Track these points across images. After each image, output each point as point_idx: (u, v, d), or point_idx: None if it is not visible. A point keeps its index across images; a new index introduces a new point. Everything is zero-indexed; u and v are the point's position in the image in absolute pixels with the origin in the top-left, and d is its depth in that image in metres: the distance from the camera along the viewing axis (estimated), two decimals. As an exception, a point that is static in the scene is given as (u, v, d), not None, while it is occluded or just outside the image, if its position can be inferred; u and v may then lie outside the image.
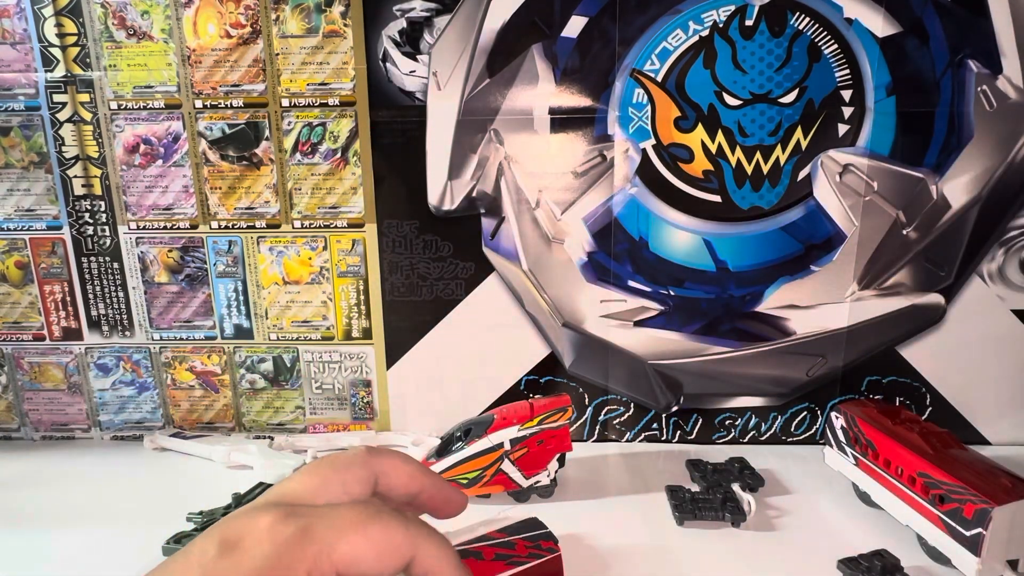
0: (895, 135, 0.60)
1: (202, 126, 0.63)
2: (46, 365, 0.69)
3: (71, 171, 0.64)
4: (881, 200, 0.62)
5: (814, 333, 0.65)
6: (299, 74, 0.62)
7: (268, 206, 0.65)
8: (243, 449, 0.65)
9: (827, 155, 0.61)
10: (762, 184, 0.62)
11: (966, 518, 0.45)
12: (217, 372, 0.69)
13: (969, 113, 0.59)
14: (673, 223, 0.64)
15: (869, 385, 0.67)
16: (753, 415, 0.68)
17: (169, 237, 0.66)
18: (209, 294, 0.67)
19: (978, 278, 0.63)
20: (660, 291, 0.65)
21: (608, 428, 0.69)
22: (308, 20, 0.61)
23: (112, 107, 0.63)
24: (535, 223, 0.64)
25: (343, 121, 0.63)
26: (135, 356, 0.69)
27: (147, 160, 0.64)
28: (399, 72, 0.61)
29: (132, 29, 0.61)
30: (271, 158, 0.64)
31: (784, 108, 0.60)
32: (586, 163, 0.63)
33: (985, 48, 0.58)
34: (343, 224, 0.65)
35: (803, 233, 0.63)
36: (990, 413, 0.66)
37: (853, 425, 0.56)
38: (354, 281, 0.67)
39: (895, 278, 0.63)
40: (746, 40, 0.59)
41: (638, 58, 0.60)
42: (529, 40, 0.60)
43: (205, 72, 0.62)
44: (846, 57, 0.59)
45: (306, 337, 0.68)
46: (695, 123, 0.61)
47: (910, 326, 0.65)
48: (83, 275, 0.67)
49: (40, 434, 0.72)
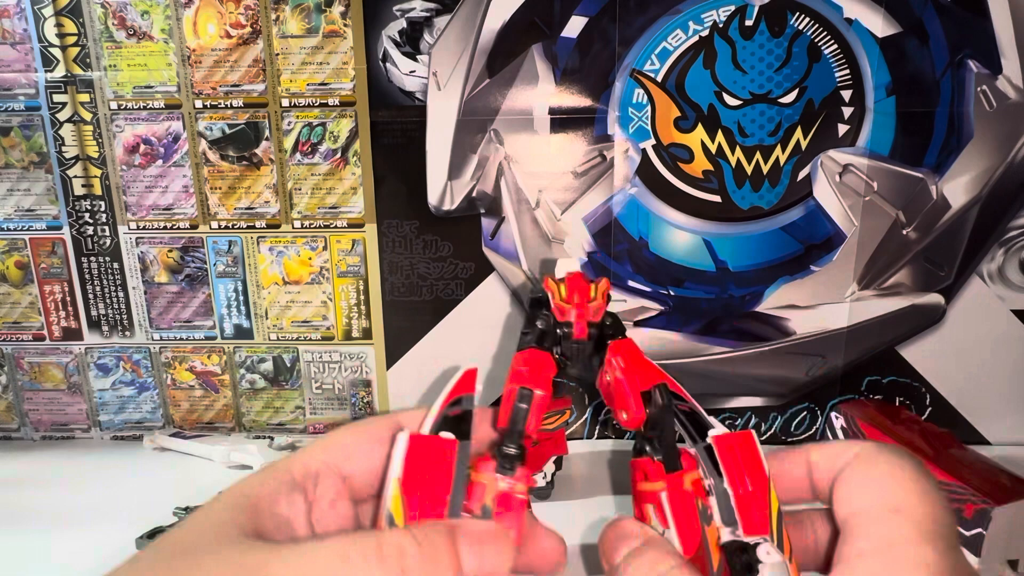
0: (895, 135, 0.60)
1: (202, 126, 0.63)
2: (46, 365, 0.69)
3: (71, 171, 0.64)
4: (881, 200, 0.62)
5: (814, 333, 0.65)
6: (299, 74, 0.62)
7: (268, 206, 0.65)
8: (243, 449, 0.65)
9: (827, 155, 0.61)
10: (762, 184, 0.62)
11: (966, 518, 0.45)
12: (217, 372, 0.69)
13: (969, 113, 0.59)
14: (673, 223, 0.64)
15: (869, 385, 0.67)
16: (753, 415, 0.68)
17: (169, 237, 0.66)
18: (209, 294, 0.67)
19: (978, 278, 0.63)
20: (660, 291, 0.65)
21: (608, 428, 0.69)
22: (308, 20, 0.61)
23: (112, 107, 0.63)
24: (535, 223, 0.64)
25: (343, 121, 0.63)
26: (135, 356, 0.69)
27: (147, 160, 0.64)
28: (399, 72, 0.61)
29: (132, 29, 0.61)
30: (271, 158, 0.64)
31: (784, 108, 0.60)
32: (586, 163, 0.63)
33: (985, 48, 0.58)
34: (343, 224, 0.65)
35: (803, 233, 0.63)
36: (990, 413, 0.66)
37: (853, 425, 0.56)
38: (354, 281, 0.67)
39: (895, 278, 0.63)
40: (746, 40, 0.59)
41: (638, 58, 0.60)
42: (529, 40, 0.60)
43: (205, 72, 0.62)
44: (846, 57, 0.59)
45: (306, 337, 0.68)
46: (695, 123, 0.61)
47: (910, 326, 0.65)
48: (83, 275, 0.67)
49: (40, 434, 0.72)
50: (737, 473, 0.25)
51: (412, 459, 0.24)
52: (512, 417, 0.27)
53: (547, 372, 0.28)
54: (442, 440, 0.25)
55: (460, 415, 0.27)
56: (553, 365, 0.28)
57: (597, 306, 0.29)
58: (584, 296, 0.29)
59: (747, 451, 0.26)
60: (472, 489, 0.26)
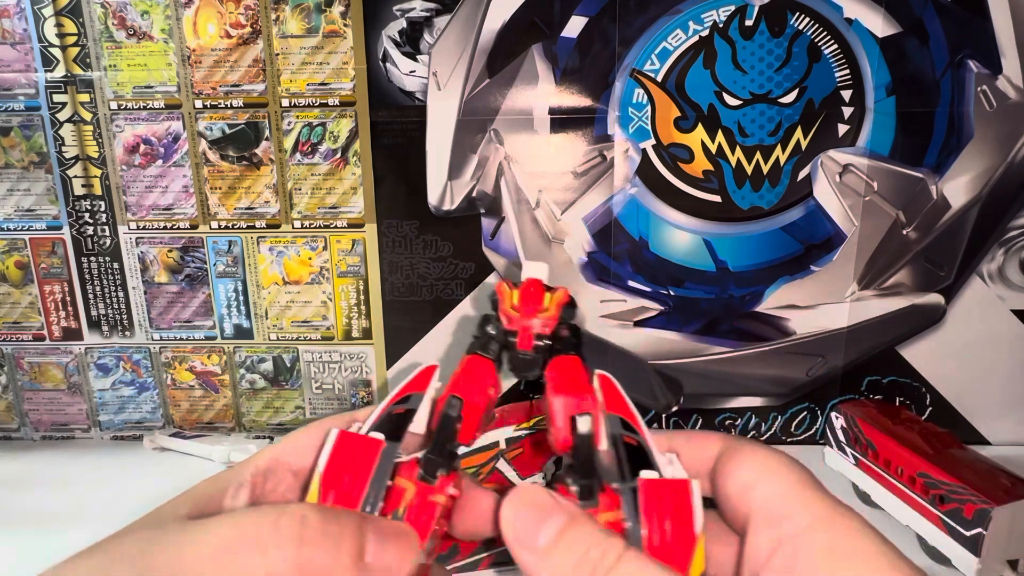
0: (895, 135, 0.60)
1: (202, 126, 0.63)
2: (46, 365, 0.69)
3: (71, 171, 0.64)
4: (881, 200, 0.62)
5: (814, 333, 0.65)
6: (299, 74, 0.62)
7: (268, 206, 0.65)
8: (243, 449, 0.65)
9: (827, 155, 0.61)
10: (762, 184, 0.62)
11: (966, 518, 0.45)
12: (217, 372, 0.69)
13: (969, 113, 0.59)
14: (673, 223, 0.64)
15: (869, 385, 0.67)
16: (753, 415, 0.68)
17: (169, 237, 0.66)
18: (209, 294, 0.67)
19: (978, 278, 0.63)
20: (660, 291, 0.65)
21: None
22: (308, 20, 0.61)
23: (112, 107, 0.63)
24: (535, 223, 0.64)
25: (343, 121, 0.63)
26: (135, 356, 0.69)
27: (147, 160, 0.64)
28: (399, 72, 0.61)
29: (132, 29, 0.61)
30: (271, 158, 0.64)
31: (784, 108, 0.60)
32: (586, 163, 0.63)
33: (985, 48, 0.58)
34: (343, 224, 0.65)
35: (803, 233, 0.63)
36: (990, 413, 0.66)
37: (853, 425, 0.56)
38: (354, 281, 0.67)
39: (895, 278, 0.63)
40: (746, 40, 0.59)
41: (638, 58, 0.60)
42: (529, 40, 0.60)
43: (205, 72, 0.62)
44: (846, 57, 0.59)
45: (306, 337, 0.68)
46: (695, 123, 0.61)
47: (910, 326, 0.65)
48: (83, 275, 0.67)
49: (40, 434, 0.72)
50: (656, 522, 0.22)
51: (336, 456, 0.24)
52: (439, 424, 0.26)
53: (483, 381, 0.26)
54: (368, 440, 0.25)
55: (403, 414, 0.26)
56: (492, 374, 0.27)
57: (548, 317, 0.27)
58: (535, 305, 0.27)
59: (678, 501, 0.23)
60: (391, 493, 0.25)
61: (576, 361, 0.27)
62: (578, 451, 0.25)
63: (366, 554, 0.21)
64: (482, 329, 0.28)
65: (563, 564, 0.21)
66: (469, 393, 0.26)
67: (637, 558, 0.21)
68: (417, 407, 0.26)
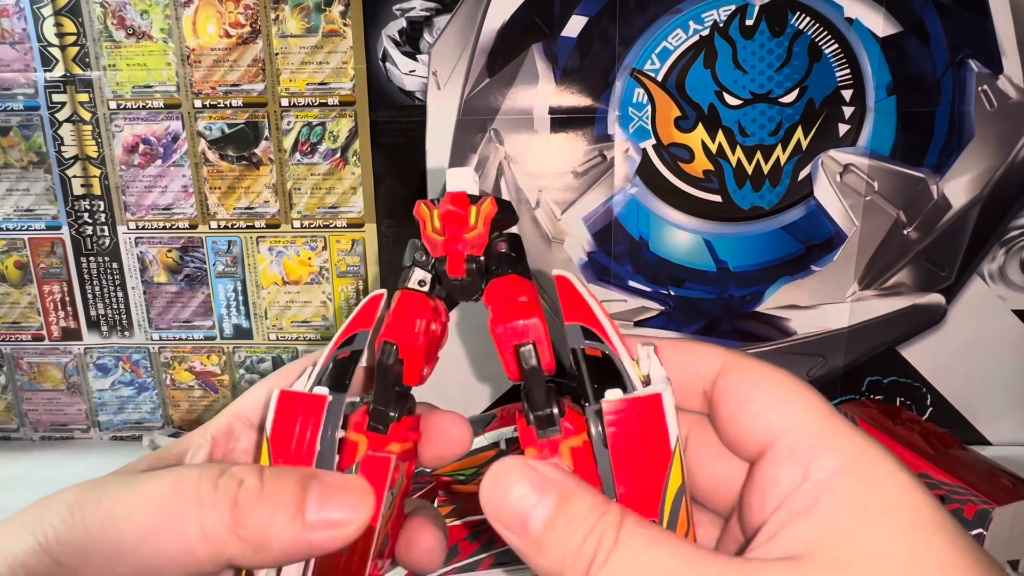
0: (896, 135, 0.60)
1: (201, 126, 0.63)
2: (45, 365, 0.69)
3: (70, 171, 0.64)
4: (882, 200, 0.62)
5: (814, 333, 0.65)
6: (298, 74, 0.62)
7: (267, 206, 0.65)
8: (243, 449, 0.65)
9: (827, 155, 0.61)
10: (762, 184, 0.62)
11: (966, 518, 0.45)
12: (216, 372, 0.69)
13: (970, 113, 0.59)
14: (673, 223, 0.64)
15: (869, 385, 0.66)
16: (753, 415, 0.68)
17: (168, 237, 0.66)
18: (208, 294, 0.67)
19: (979, 278, 0.63)
20: (660, 291, 0.65)
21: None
22: (308, 20, 0.61)
23: (111, 107, 0.63)
24: (535, 223, 0.64)
25: (343, 121, 0.63)
26: (134, 356, 0.69)
27: (146, 160, 0.64)
28: (399, 72, 0.61)
29: (131, 29, 0.61)
30: (270, 158, 0.64)
31: (784, 108, 0.60)
32: (586, 163, 0.63)
33: (986, 47, 0.58)
34: (343, 224, 0.65)
35: (803, 233, 0.63)
36: (991, 413, 0.66)
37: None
38: (354, 281, 0.67)
39: (896, 278, 0.63)
40: (746, 40, 0.59)
41: (638, 58, 0.60)
42: (529, 40, 0.60)
43: (204, 72, 0.62)
44: (846, 57, 0.59)
45: (306, 337, 0.68)
46: (695, 123, 0.61)
47: (911, 326, 0.64)
48: (82, 275, 0.67)
49: (39, 434, 0.72)
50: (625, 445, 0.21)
51: (281, 417, 0.23)
52: (377, 374, 0.23)
53: (415, 318, 0.24)
54: (311, 397, 0.23)
55: (348, 358, 0.24)
56: (425, 308, 0.24)
57: (477, 235, 0.24)
58: (460, 225, 0.24)
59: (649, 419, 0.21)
60: (345, 448, 0.23)
61: (513, 281, 0.24)
62: (527, 384, 0.23)
63: (307, 511, 0.21)
64: (410, 258, 0.25)
65: (559, 554, 0.19)
66: (403, 335, 0.23)
67: (635, 535, 0.19)
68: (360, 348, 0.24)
